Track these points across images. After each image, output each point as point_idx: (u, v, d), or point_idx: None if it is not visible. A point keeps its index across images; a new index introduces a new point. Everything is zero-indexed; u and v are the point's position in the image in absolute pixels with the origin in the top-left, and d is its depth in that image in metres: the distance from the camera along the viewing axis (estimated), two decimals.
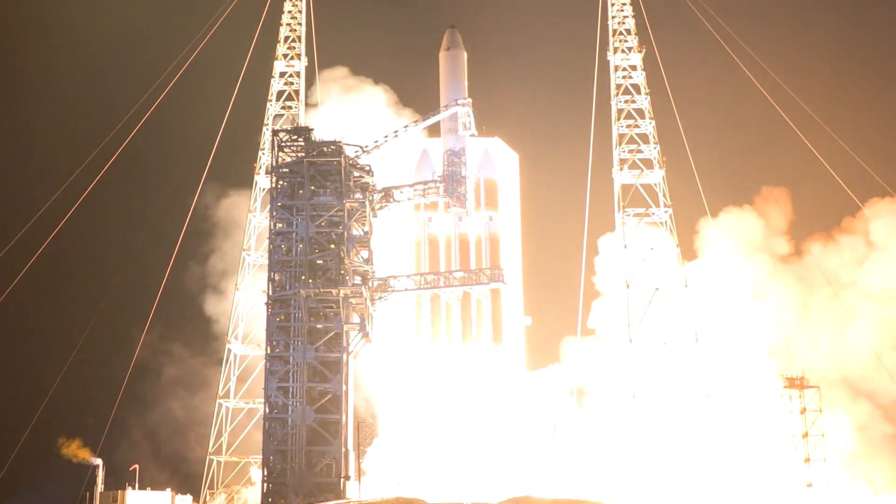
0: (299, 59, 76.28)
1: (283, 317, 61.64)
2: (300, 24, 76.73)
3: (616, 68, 72.67)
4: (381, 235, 65.79)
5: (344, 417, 60.31)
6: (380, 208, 64.63)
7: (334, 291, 61.04)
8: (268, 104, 75.33)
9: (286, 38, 76.50)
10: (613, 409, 68.15)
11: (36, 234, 68.26)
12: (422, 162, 68.69)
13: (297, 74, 76.23)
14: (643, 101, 71.85)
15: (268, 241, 63.44)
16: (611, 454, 66.45)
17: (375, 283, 63.07)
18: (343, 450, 59.91)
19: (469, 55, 69.33)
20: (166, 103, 71.78)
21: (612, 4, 73.56)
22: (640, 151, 71.21)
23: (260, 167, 73.76)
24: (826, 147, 71.13)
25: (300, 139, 63.25)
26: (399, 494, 58.85)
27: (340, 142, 62.92)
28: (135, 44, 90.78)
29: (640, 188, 70.69)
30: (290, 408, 60.29)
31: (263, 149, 73.51)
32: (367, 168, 63.76)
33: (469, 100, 67.68)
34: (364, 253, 63.31)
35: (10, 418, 71.21)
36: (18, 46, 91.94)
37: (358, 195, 62.85)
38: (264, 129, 74.57)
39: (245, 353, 72.55)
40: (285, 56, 76.26)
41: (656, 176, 70.78)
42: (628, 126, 71.62)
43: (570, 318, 70.57)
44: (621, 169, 71.15)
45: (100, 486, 66.21)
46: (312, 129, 63.80)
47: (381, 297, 63.46)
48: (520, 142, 71.18)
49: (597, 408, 69.21)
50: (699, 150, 70.13)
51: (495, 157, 69.09)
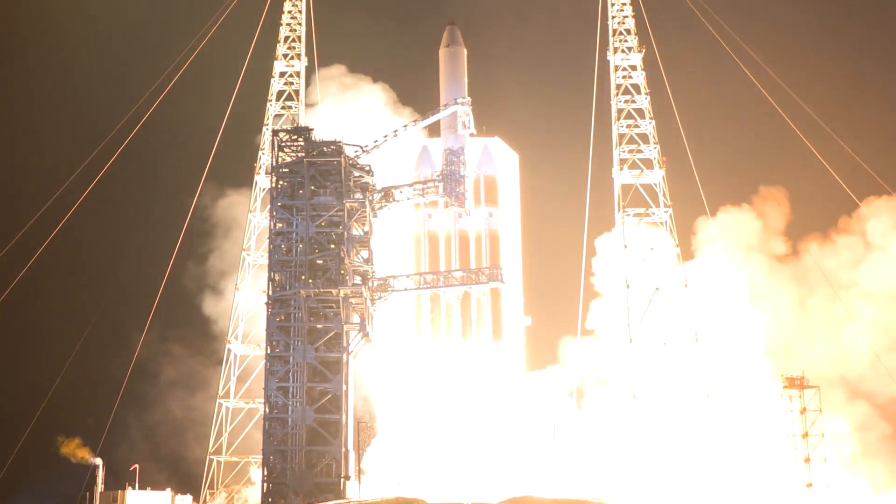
0: (299, 59, 76.24)
1: (283, 317, 61.65)
2: (300, 24, 76.72)
3: (616, 68, 72.65)
4: (382, 232, 65.76)
5: (344, 417, 60.33)
6: (380, 208, 64.61)
7: (334, 291, 61.06)
8: (268, 104, 75.29)
9: (286, 38, 76.46)
10: (613, 409, 68.14)
11: (36, 234, 68.36)
12: (421, 158, 68.65)
13: (297, 74, 76.20)
14: (643, 101, 71.84)
15: (268, 241, 63.48)
16: (611, 454, 66.43)
17: (375, 283, 63.07)
18: (343, 450, 59.92)
19: (469, 53, 69.35)
20: (166, 103, 71.88)
21: (612, 4, 73.54)
22: (640, 151, 71.20)
23: (260, 167, 73.78)
24: (825, 147, 71.28)
25: (300, 139, 63.30)
26: (399, 494, 58.84)
27: (340, 142, 62.95)
28: (135, 44, 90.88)
29: (640, 188, 70.73)
30: (290, 408, 60.30)
31: (263, 149, 73.52)
32: (367, 168, 63.78)
33: (468, 99, 67.66)
34: (364, 253, 63.32)
35: (10, 418, 71.28)
36: (18, 47, 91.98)
37: (358, 195, 62.87)
38: (264, 129, 74.57)
39: (245, 353, 72.53)
40: (285, 56, 76.23)
41: (656, 176, 70.78)
42: (628, 126, 71.62)
43: (570, 319, 70.74)
44: (621, 169, 71.15)
45: (100, 486, 66.19)
46: (312, 129, 63.84)
47: (380, 297, 63.44)
48: (520, 142, 71.25)
49: (596, 408, 69.19)
50: (699, 149, 70.28)
51: (495, 153, 69.04)
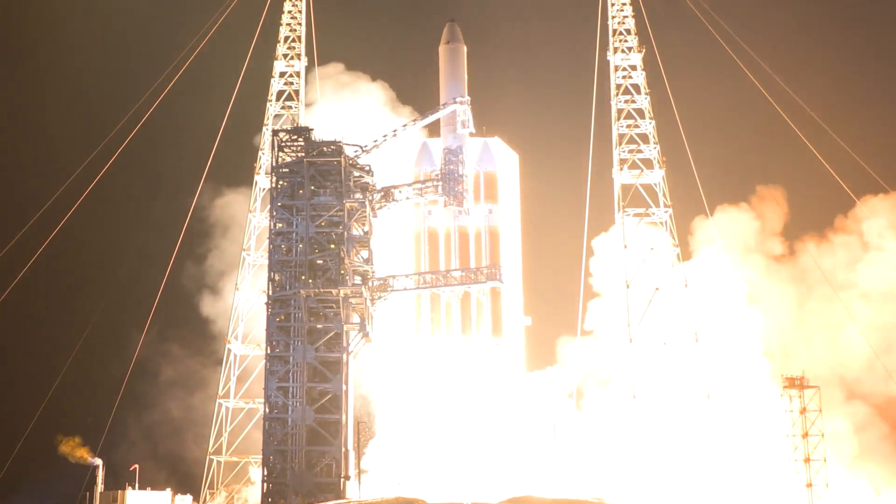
0: (299, 59, 76.24)
1: (283, 317, 61.66)
2: (300, 24, 76.72)
3: (616, 68, 72.61)
4: (382, 228, 65.68)
5: (344, 417, 60.34)
6: (379, 208, 64.58)
7: (334, 291, 61.07)
8: (268, 104, 75.29)
9: (286, 38, 76.47)
10: (613, 409, 68.11)
11: (36, 234, 68.37)
12: (421, 155, 68.51)
13: (297, 74, 76.20)
14: (643, 101, 71.81)
15: (268, 241, 63.47)
16: (611, 454, 66.41)
17: (375, 283, 63.06)
18: (343, 450, 59.92)
19: (468, 52, 69.26)
20: (166, 103, 71.89)
21: (612, 4, 73.51)
22: (640, 151, 71.16)
23: (260, 167, 73.77)
24: (825, 146, 71.30)
25: (300, 139, 63.31)
26: (399, 494, 58.84)
27: (340, 142, 62.95)
28: (135, 44, 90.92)
29: (640, 188, 70.71)
30: (290, 408, 60.31)
31: (263, 149, 73.50)
32: (366, 168, 63.77)
33: (467, 98, 67.63)
34: (364, 253, 63.32)
35: (10, 418, 71.32)
36: (19, 47, 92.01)
37: (358, 195, 62.88)
38: (264, 129, 74.56)
39: (245, 353, 72.52)
40: (285, 56, 76.22)
41: (656, 176, 70.76)
42: (628, 126, 71.58)
43: (569, 319, 70.73)
44: (621, 169, 71.13)
45: (100, 486, 66.20)
46: (312, 129, 63.84)
47: (380, 297, 63.42)
48: (520, 142, 71.26)
49: (596, 408, 69.17)
50: (699, 149, 70.27)
51: (495, 151, 68.97)
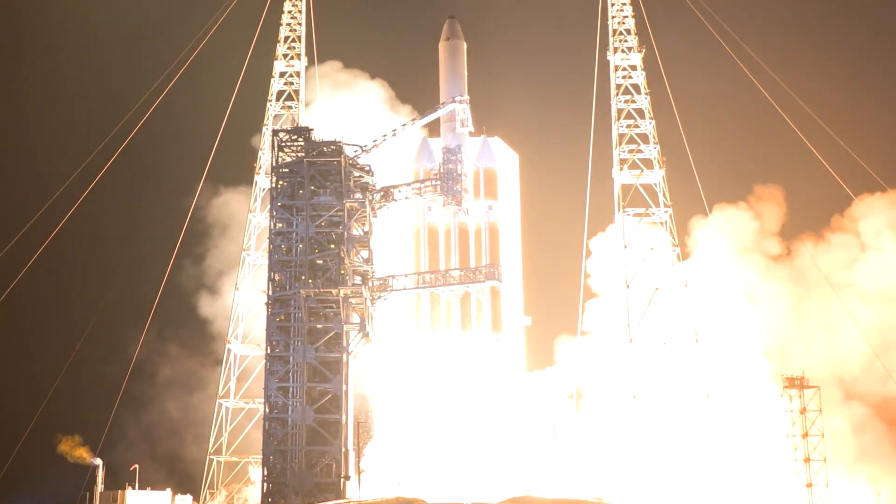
0: (299, 59, 76.24)
1: (283, 317, 61.64)
2: (300, 24, 76.71)
3: (616, 68, 72.61)
4: (381, 225, 65.59)
5: (344, 417, 60.32)
6: (379, 208, 64.55)
7: (334, 291, 61.05)
8: (268, 104, 75.28)
9: (286, 38, 76.47)
10: (613, 409, 68.11)
11: (35, 234, 68.35)
12: (421, 152, 68.40)
13: (297, 74, 76.19)
14: (643, 101, 71.80)
15: (268, 241, 63.45)
16: (610, 454, 66.41)
17: (375, 283, 63.04)
18: (343, 450, 59.91)
19: (468, 48, 69.21)
20: (166, 104, 71.88)
21: (612, 4, 73.51)
22: (640, 151, 71.16)
23: (260, 167, 73.76)
24: (823, 145, 71.34)
25: (300, 139, 63.27)
26: (399, 494, 58.84)
27: (340, 142, 62.93)
28: (135, 44, 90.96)
29: (640, 188, 70.71)
30: (290, 408, 60.29)
31: (263, 149, 73.49)
32: (366, 168, 63.75)
33: (467, 97, 67.59)
34: (364, 253, 63.30)
35: (10, 418, 71.32)
36: (17, 48, 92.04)
37: (358, 195, 62.86)
38: (264, 129, 74.54)
39: (245, 353, 72.50)
40: (285, 56, 76.21)
41: (656, 176, 70.75)
42: (628, 126, 71.58)
43: (569, 319, 70.74)
44: (621, 169, 71.13)
45: (100, 486, 66.20)
46: (312, 129, 63.78)
47: (380, 297, 63.39)
48: (520, 141, 71.22)
49: (596, 408, 69.16)
50: (699, 149, 70.26)
51: (495, 149, 68.87)
